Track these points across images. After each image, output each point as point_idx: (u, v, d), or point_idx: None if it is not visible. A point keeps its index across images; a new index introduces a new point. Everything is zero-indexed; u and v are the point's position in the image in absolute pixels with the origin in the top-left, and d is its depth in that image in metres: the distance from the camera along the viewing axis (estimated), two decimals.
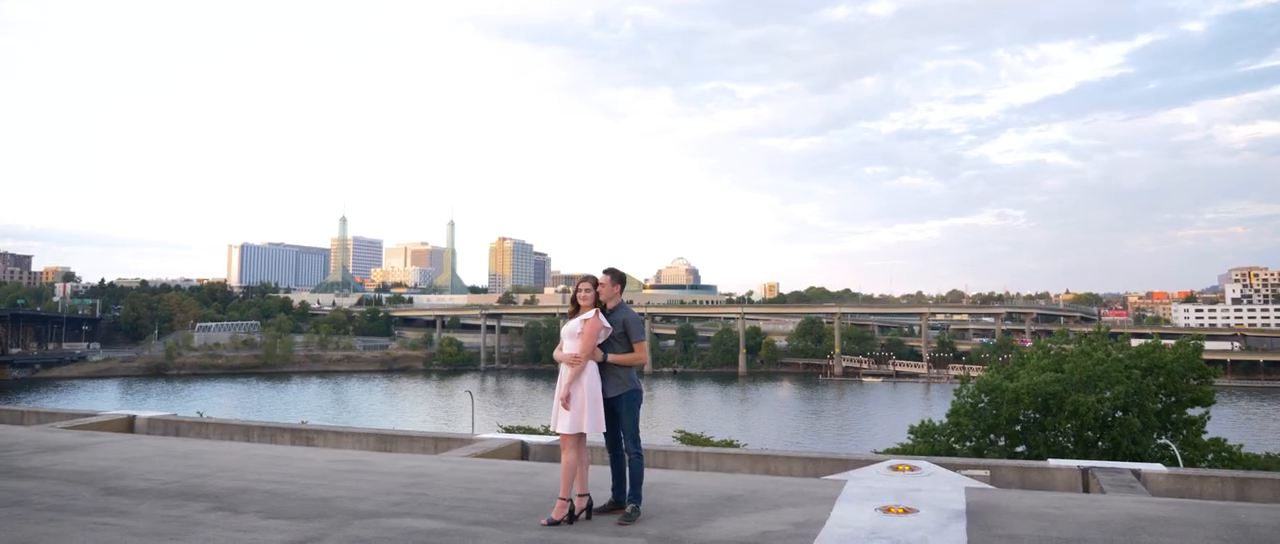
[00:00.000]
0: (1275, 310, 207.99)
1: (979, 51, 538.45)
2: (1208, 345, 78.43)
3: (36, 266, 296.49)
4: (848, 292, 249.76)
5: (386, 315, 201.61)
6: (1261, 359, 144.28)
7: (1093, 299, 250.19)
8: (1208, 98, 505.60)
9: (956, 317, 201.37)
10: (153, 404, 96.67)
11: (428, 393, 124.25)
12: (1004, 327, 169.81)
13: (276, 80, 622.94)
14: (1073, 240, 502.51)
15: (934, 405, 79.75)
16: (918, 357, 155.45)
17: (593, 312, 7.16)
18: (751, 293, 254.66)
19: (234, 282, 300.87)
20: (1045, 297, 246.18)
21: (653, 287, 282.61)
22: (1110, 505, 7.43)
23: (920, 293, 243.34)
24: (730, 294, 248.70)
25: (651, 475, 9.09)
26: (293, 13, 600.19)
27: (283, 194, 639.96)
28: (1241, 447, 28.04)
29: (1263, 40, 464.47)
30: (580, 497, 7.10)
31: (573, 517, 6.99)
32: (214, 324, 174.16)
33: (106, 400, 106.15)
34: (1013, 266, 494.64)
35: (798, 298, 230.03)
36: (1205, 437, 27.07)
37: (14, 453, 10.42)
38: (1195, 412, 27.54)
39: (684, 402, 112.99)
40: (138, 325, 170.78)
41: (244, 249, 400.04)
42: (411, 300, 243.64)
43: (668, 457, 10.84)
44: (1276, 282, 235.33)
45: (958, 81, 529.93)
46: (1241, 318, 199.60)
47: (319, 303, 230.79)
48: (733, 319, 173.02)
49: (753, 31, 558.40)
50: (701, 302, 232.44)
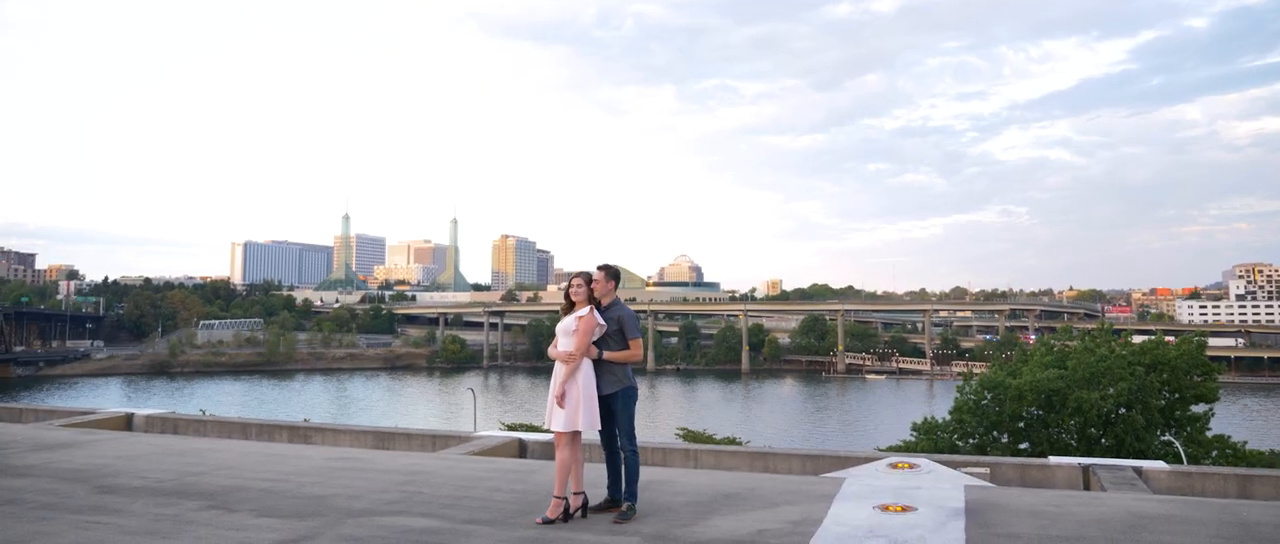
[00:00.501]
0: None
1: (982, 48, 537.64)
2: (1211, 342, 78.33)
3: (40, 264, 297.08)
4: (851, 289, 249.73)
5: (389, 313, 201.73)
6: (1266, 355, 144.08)
7: (1096, 296, 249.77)
8: (1211, 94, 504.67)
9: (960, 313, 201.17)
10: (156, 402, 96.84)
11: (431, 390, 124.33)
12: (1007, 323, 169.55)
13: (279, 78, 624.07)
14: (1076, 237, 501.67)
15: (937, 402, 79.67)
16: (921, 354, 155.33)
17: (587, 308, 7.10)
18: (754, 290, 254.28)
19: (237, 279, 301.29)
20: (1049, 293, 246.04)
21: (656, 284, 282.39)
22: (1111, 503, 7.35)
23: (923, 290, 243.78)
24: (733, 291, 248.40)
25: (649, 473, 9.04)
26: (295, 11, 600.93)
27: (286, 192, 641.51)
28: (1245, 444, 27.97)
29: (1266, 36, 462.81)
30: (575, 495, 7.04)
31: (568, 515, 6.93)
32: (217, 322, 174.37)
33: (110, 398, 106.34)
34: (1016, 263, 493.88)
35: (801, 295, 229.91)
36: (1209, 433, 27.03)
37: (10, 451, 10.39)
38: (1199, 408, 27.51)
39: (687, 399, 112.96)
40: (141, 323, 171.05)
41: (247, 247, 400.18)
42: (414, 298, 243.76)
43: (666, 454, 10.77)
44: None
45: (961, 78, 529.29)
46: (1246, 314, 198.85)
47: (322, 300, 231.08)
48: (736, 316, 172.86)
49: (755, 29, 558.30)
50: (704, 299, 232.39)
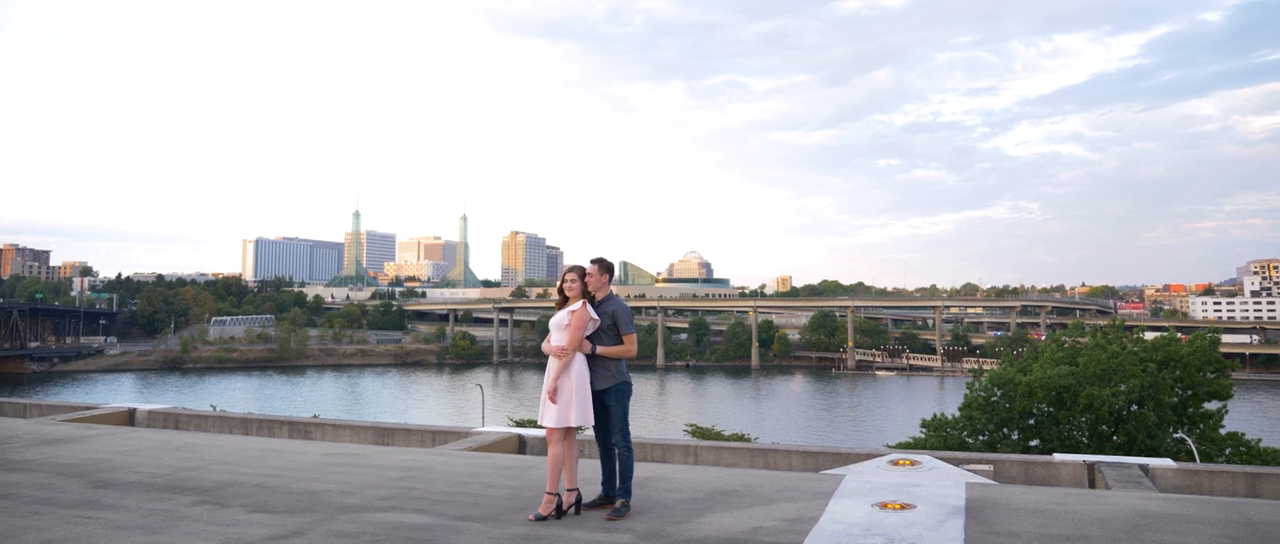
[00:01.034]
0: None
1: (992, 43, 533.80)
2: (1225, 338, 77.73)
3: (55, 261, 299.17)
4: (861, 285, 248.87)
5: (400, 309, 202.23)
6: None
7: (1109, 292, 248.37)
8: (1226, 88, 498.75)
9: (971, 310, 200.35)
10: (168, 398, 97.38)
11: (440, 386, 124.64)
12: (1019, 320, 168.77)
13: (290, 76, 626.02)
14: (1088, 233, 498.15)
15: (947, 399, 79.34)
16: (931, 350, 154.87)
17: (580, 302, 7.01)
18: (764, 286, 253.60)
19: (249, 276, 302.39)
20: (1060, 289, 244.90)
21: (665, 280, 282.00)
22: (1114, 501, 7.21)
23: (934, 286, 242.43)
24: (743, 287, 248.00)
25: (647, 470, 8.95)
26: (305, 8, 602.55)
27: (296, 189, 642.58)
28: (1260, 441, 27.64)
29: None
30: (569, 491, 6.96)
31: (561, 512, 6.85)
32: (229, 318, 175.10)
33: (122, 394, 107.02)
34: (1028, 260, 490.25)
35: (810, 291, 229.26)
36: (1222, 431, 26.73)
37: (10, 445, 10.38)
38: (1212, 405, 27.22)
39: (696, 395, 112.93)
40: (154, 319, 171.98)
41: (258, 243, 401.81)
42: (424, 294, 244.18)
43: (666, 451, 10.68)
44: None
45: (971, 73, 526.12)
46: (1260, 311, 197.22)
47: (333, 297, 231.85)
48: (745, 312, 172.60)
49: (765, 25, 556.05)
50: (714, 295, 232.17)
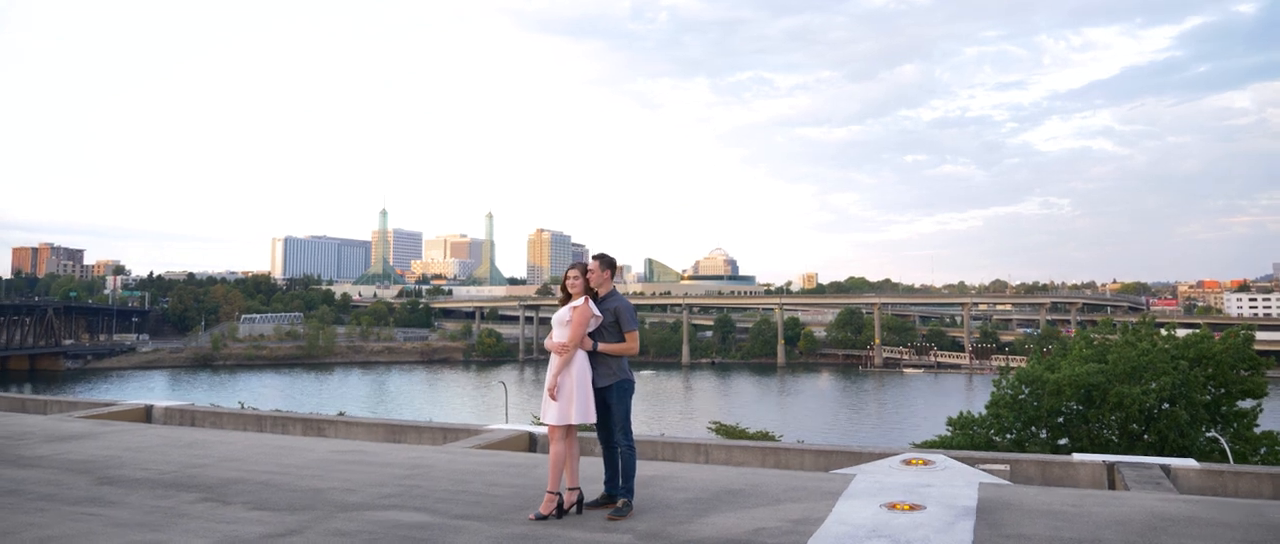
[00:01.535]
0: None
1: (1021, 36, 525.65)
2: (1259, 335, 76.07)
3: (88, 260, 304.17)
4: (888, 282, 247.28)
5: (426, 307, 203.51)
6: None
7: (1141, 289, 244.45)
8: (1262, 80, 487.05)
9: (999, 307, 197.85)
10: (199, 395, 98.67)
11: (466, 383, 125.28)
12: (1049, 317, 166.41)
13: (315, 76, 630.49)
14: (1120, 229, 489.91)
15: (975, 397, 78.46)
16: (960, 347, 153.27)
17: (582, 299, 6.93)
18: (790, 283, 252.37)
19: (277, 274, 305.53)
20: (1091, 286, 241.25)
21: (691, 277, 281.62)
22: (1132, 503, 6.98)
23: (962, 283, 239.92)
24: (769, 284, 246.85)
25: (656, 468, 8.83)
26: (332, 8, 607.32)
27: (325, 188, 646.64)
28: None
29: None
30: (570, 491, 6.87)
31: (562, 511, 6.75)
32: (258, 316, 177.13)
33: (154, 391, 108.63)
34: (1058, 256, 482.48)
35: (837, 288, 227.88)
36: (1257, 430, 26.16)
37: (24, 442, 10.45)
38: (1246, 404, 26.63)
39: (721, 393, 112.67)
40: (185, 317, 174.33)
41: (287, 242, 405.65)
42: (451, 292, 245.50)
43: (677, 450, 10.54)
44: None
45: (1000, 67, 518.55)
46: None
47: (360, 295, 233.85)
48: (771, 310, 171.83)
49: (790, 20, 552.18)
50: (739, 292, 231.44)
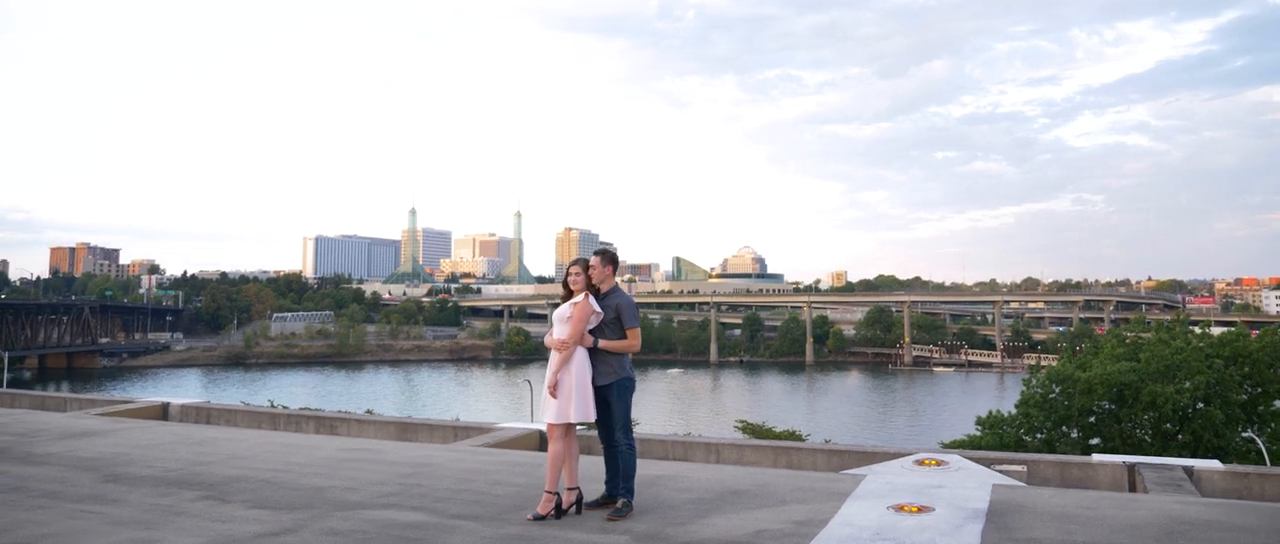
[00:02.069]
0: None
1: (1053, 31, 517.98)
2: None
3: (124, 260, 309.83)
4: (918, 279, 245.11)
5: (455, 305, 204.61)
6: None
7: (1177, 286, 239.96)
8: None
9: (1031, 305, 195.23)
10: (230, 393, 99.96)
11: (494, 381, 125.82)
12: (1082, 315, 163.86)
13: (346, 77, 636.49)
14: (1155, 225, 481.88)
15: (1006, 396, 77.37)
16: (991, 346, 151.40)
17: (583, 295, 6.81)
18: (819, 281, 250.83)
19: (308, 272, 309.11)
20: (1126, 284, 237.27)
21: (719, 275, 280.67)
22: (1149, 506, 6.72)
23: (993, 280, 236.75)
24: (797, 283, 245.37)
25: (663, 468, 8.69)
26: (361, 9, 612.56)
27: (354, 188, 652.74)
28: None
29: None
30: (569, 490, 6.74)
31: (560, 511, 6.63)
32: (290, 314, 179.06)
33: (187, 389, 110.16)
34: (1091, 253, 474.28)
35: (866, 286, 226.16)
36: None
37: (36, 439, 10.53)
38: None
39: (750, 392, 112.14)
40: (218, 315, 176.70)
41: (318, 241, 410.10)
42: (480, 290, 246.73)
43: (688, 449, 10.39)
44: None
45: (1031, 63, 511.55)
46: None
47: (390, 293, 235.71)
48: (800, 308, 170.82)
49: (818, 17, 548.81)
50: (768, 290, 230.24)
